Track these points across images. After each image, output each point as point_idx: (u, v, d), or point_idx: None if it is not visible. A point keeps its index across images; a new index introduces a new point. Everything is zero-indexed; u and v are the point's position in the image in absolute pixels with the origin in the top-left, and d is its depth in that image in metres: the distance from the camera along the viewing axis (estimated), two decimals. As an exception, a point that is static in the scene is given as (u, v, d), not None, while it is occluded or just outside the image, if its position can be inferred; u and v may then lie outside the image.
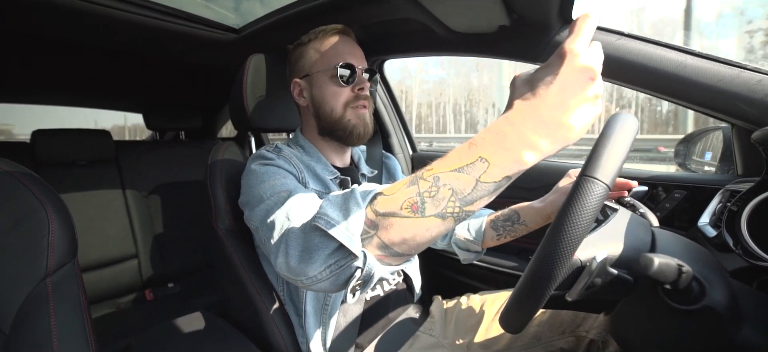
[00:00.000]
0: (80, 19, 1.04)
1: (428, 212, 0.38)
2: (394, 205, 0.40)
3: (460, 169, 0.37)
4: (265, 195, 0.62)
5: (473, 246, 0.89)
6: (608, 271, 0.44)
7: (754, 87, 0.64)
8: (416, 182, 0.39)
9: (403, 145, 1.45)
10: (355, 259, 0.43)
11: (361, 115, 0.77)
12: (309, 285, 0.46)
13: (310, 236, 0.46)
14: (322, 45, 0.78)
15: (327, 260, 0.44)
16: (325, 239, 0.44)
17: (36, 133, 1.50)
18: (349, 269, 0.44)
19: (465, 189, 0.37)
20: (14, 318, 0.47)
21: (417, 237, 0.40)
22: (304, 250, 0.46)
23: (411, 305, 0.89)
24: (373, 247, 0.43)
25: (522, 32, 0.84)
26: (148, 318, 1.53)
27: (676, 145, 1.03)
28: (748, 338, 0.42)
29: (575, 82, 0.34)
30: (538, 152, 0.36)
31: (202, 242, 1.78)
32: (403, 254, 0.43)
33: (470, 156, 0.37)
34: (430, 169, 0.39)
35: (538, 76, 0.35)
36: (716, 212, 0.70)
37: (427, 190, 0.38)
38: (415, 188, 0.39)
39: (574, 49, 0.34)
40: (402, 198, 0.40)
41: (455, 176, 0.37)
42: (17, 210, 0.50)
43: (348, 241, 0.42)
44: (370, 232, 0.42)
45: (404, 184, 0.41)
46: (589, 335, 0.71)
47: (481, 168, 0.37)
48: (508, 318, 0.44)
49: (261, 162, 0.70)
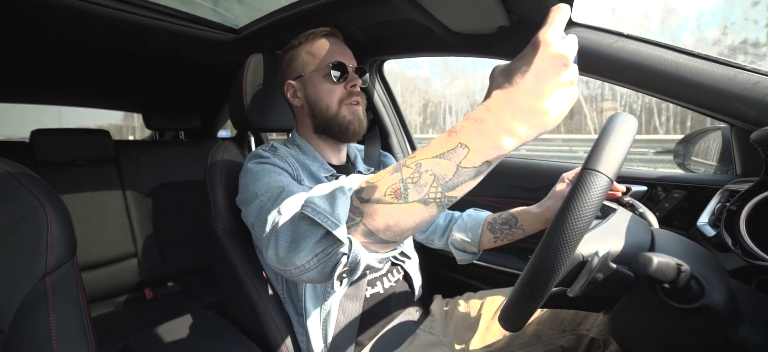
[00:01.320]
0: (79, 18, 1.04)
1: (411, 197, 0.39)
2: (378, 192, 0.41)
3: (441, 156, 0.38)
4: (259, 192, 0.64)
5: (470, 247, 0.89)
6: (610, 266, 0.44)
7: (752, 88, 0.64)
8: (399, 169, 0.41)
9: (403, 145, 1.45)
10: (341, 245, 0.44)
11: (354, 111, 0.80)
12: (297, 275, 0.47)
13: (298, 225, 0.47)
14: (313, 47, 0.80)
15: (314, 248, 0.45)
16: (312, 227, 0.45)
17: (35, 133, 1.50)
18: (336, 256, 0.45)
19: (446, 174, 0.38)
20: (13, 317, 0.47)
21: (401, 223, 0.41)
22: (293, 240, 0.47)
23: (411, 304, 0.89)
24: (358, 234, 0.44)
25: (521, 33, 0.84)
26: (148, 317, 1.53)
27: (676, 145, 1.04)
28: (746, 337, 0.42)
29: (549, 69, 0.35)
30: (516, 138, 0.37)
31: (201, 242, 1.78)
32: (388, 241, 0.44)
33: (451, 143, 0.38)
34: (413, 157, 0.40)
35: (515, 65, 0.37)
36: (715, 211, 0.70)
37: (410, 176, 0.39)
38: (399, 175, 0.40)
39: (548, 39, 0.35)
40: (386, 185, 0.41)
41: (437, 162, 0.38)
42: (16, 210, 0.50)
43: (334, 227, 0.43)
44: (356, 219, 0.43)
45: (388, 172, 0.42)
46: (590, 334, 0.71)
47: (462, 154, 0.38)
48: (507, 316, 0.44)
49: (257, 161, 0.72)
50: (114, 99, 2.15)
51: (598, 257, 0.42)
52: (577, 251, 0.44)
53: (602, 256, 0.42)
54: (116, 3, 1.01)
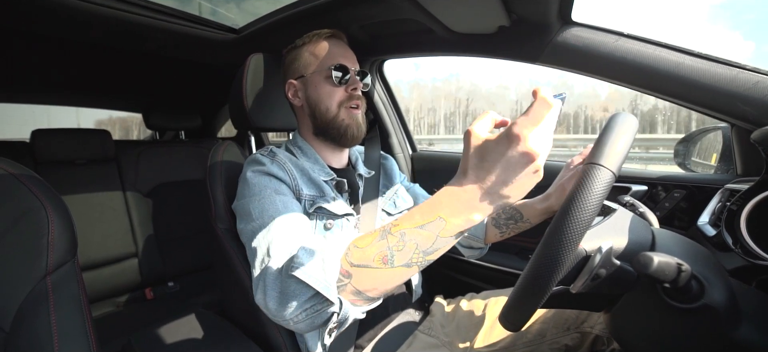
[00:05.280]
0: (79, 18, 1.04)
1: (397, 263, 0.44)
2: (367, 257, 0.46)
3: (422, 227, 0.44)
4: (254, 213, 0.65)
5: (476, 243, 0.89)
6: (613, 262, 0.44)
7: (753, 87, 0.64)
8: (385, 236, 0.45)
9: (403, 145, 1.45)
10: (331, 305, 0.47)
11: (353, 115, 0.80)
12: (286, 325, 0.51)
13: (287, 282, 0.50)
14: (316, 48, 0.80)
15: (304, 304, 0.48)
16: (302, 286, 0.48)
17: (35, 133, 1.50)
18: (326, 313, 0.48)
19: (427, 243, 0.44)
20: (14, 316, 0.47)
21: (387, 284, 0.47)
22: (282, 294, 0.50)
23: (410, 305, 0.89)
24: (347, 293, 0.48)
25: (521, 33, 0.84)
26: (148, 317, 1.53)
27: (676, 145, 1.04)
28: (746, 336, 0.42)
29: (517, 164, 0.39)
30: (483, 213, 0.43)
31: (201, 242, 1.78)
32: (374, 298, 0.49)
33: (431, 215, 0.43)
34: (397, 226, 0.45)
35: (489, 148, 0.40)
36: (716, 211, 0.70)
37: (396, 244, 0.44)
38: (386, 243, 0.45)
39: (523, 134, 0.38)
40: (374, 251, 0.45)
41: (419, 232, 0.44)
42: (17, 209, 0.50)
43: (325, 290, 0.46)
44: (345, 280, 0.47)
45: (375, 237, 0.46)
46: (594, 331, 0.71)
47: (440, 226, 0.43)
48: (509, 314, 0.44)
49: (255, 169, 0.72)
50: (114, 98, 2.15)
51: (601, 253, 0.42)
52: (581, 246, 0.44)
53: (605, 251, 0.42)
54: (116, 2, 1.01)
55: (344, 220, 0.76)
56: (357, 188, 0.86)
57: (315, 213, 0.73)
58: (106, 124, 7.26)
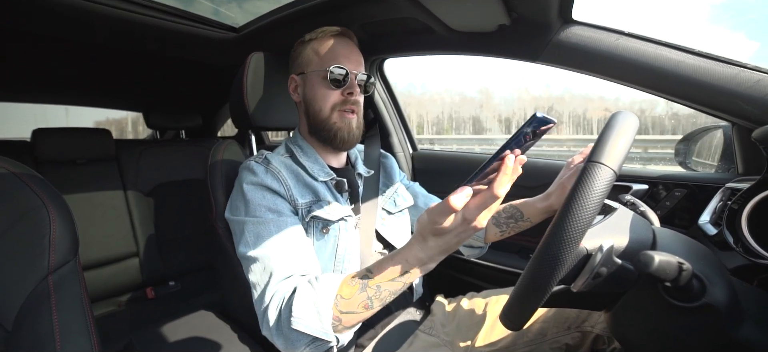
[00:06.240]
0: (79, 17, 1.04)
1: (376, 306, 0.59)
2: (352, 306, 0.58)
3: (393, 280, 0.57)
4: (249, 238, 0.69)
5: (476, 242, 0.89)
6: (614, 261, 0.44)
7: (754, 86, 0.64)
8: (365, 289, 0.58)
9: (404, 145, 1.45)
10: (331, 342, 0.60)
11: (346, 119, 0.78)
12: None
13: (290, 331, 0.60)
14: (320, 46, 0.79)
15: (308, 344, 0.60)
16: (304, 334, 0.59)
17: (36, 132, 1.50)
18: (328, 345, 0.61)
19: (397, 289, 0.58)
20: (16, 315, 0.47)
21: (367, 318, 0.60)
22: (287, 340, 0.60)
23: (411, 304, 0.89)
24: (340, 331, 0.60)
25: (522, 31, 0.84)
26: (149, 316, 1.54)
27: (677, 144, 1.04)
28: (748, 335, 0.42)
29: (458, 227, 0.50)
30: (434, 264, 0.56)
31: (202, 241, 1.78)
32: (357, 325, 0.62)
33: (398, 270, 0.56)
34: (374, 280, 0.58)
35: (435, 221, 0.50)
36: (717, 210, 0.70)
37: (374, 294, 0.58)
38: (365, 294, 0.58)
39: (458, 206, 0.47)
40: (357, 301, 0.58)
41: (391, 283, 0.57)
42: (18, 209, 0.50)
43: (324, 335, 0.59)
44: (337, 323, 0.59)
45: (356, 290, 0.58)
46: (594, 330, 0.71)
47: (406, 277, 0.57)
48: (510, 313, 0.44)
49: (249, 181, 0.72)
50: (114, 98, 2.15)
51: (602, 251, 0.42)
52: (581, 245, 0.44)
53: (606, 250, 0.42)
54: (116, 1, 1.01)
55: (341, 223, 0.76)
56: (357, 187, 0.86)
57: (311, 221, 0.73)
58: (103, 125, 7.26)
